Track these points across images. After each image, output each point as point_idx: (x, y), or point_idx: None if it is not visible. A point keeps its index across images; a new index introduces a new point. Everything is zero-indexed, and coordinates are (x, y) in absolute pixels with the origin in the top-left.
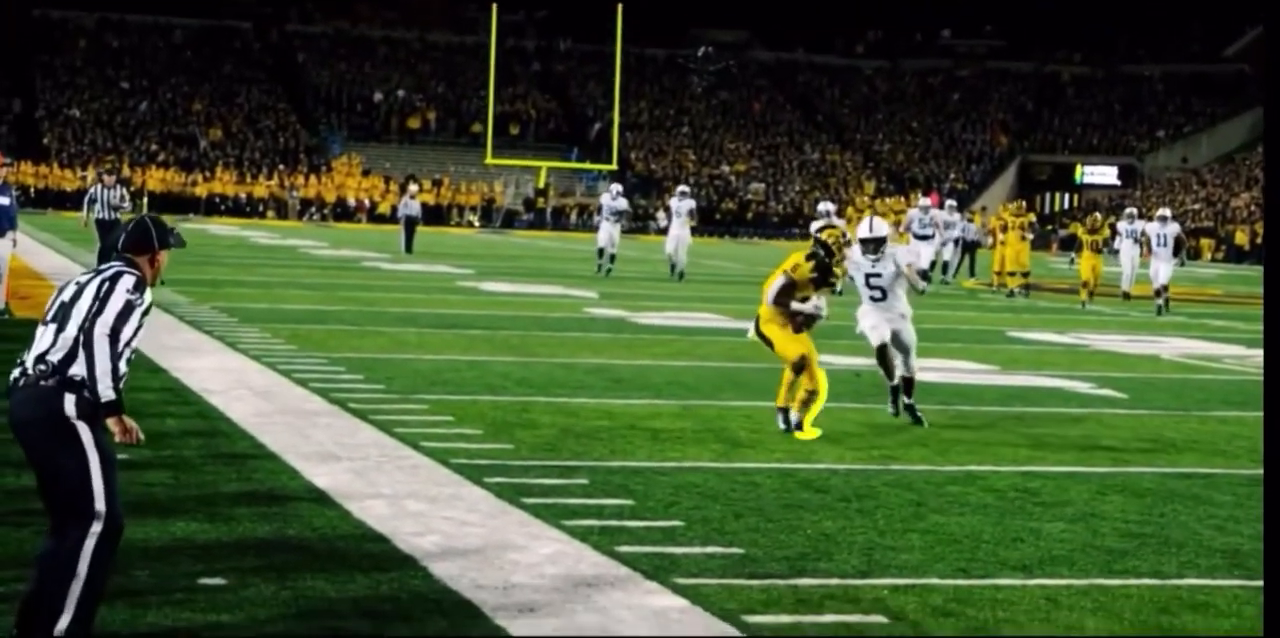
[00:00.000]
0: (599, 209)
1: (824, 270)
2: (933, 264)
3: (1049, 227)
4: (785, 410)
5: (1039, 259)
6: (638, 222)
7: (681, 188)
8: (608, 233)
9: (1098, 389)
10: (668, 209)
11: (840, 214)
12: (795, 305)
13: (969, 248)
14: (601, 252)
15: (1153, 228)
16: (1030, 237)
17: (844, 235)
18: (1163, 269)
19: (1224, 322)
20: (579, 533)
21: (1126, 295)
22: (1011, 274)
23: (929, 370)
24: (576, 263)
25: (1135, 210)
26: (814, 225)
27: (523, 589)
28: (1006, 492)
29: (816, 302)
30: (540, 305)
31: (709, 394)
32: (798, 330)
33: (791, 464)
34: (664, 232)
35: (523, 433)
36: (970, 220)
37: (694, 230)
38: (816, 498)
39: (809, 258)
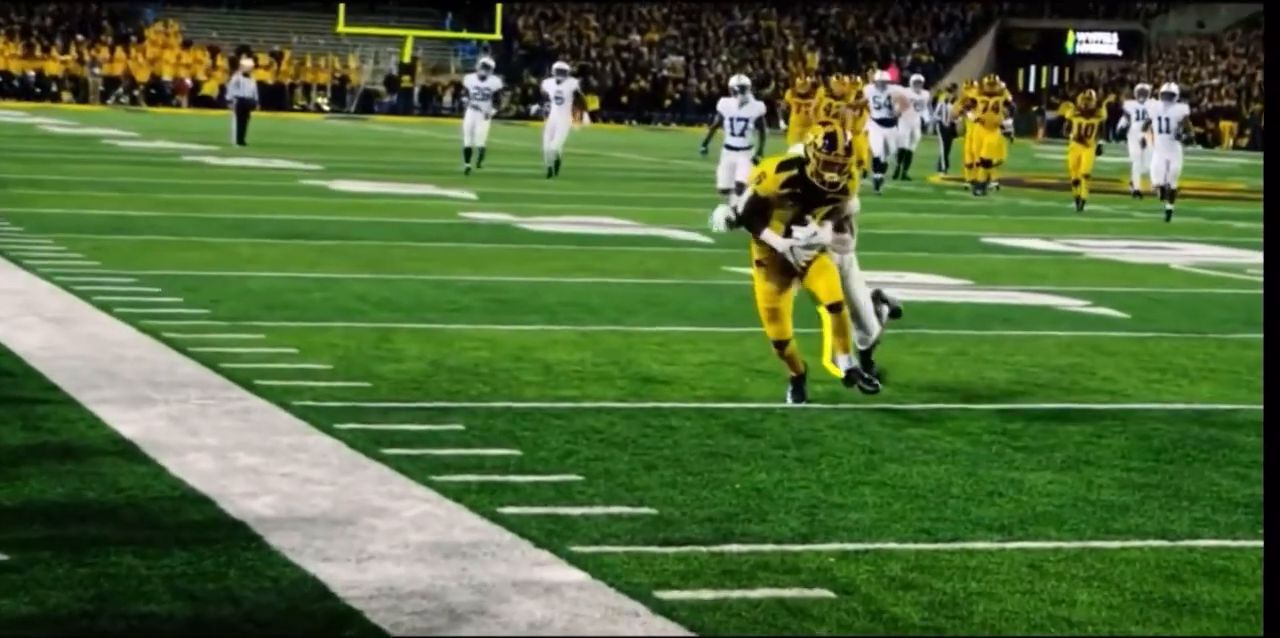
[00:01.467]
0: (466, 91)
1: (801, 183)
2: (898, 154)
3: (1034, 108)
4: (800, 380)
5: (1021, 148)
6: (525, 105)
7: (559, 65)
8: (472, 122)
9: (1093, 307)
10: (543, 93)
11: (779, 97)
12: (768, 235)
13: (948, 135)
14: (469, 150)
15: (1154, 107)
16: (1007, 121)
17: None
18: (1172, 162)
19: (1248, 223)
20: (452, 492)
21: (1138, 194)
22: (981, 164)
23: (886, 286)
24: (449, 156)
25: (1148, 87)
26: (723, 104)
27: (382, 563)
28: (980, 435)
29: (813, 228)
30: (405, 209)
31: (614, 318)
32: (789, 270)
33: (716, 403)
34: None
35: (383, 368)
36: (949, 102)
37: (598, 115)
38: (747, 445)
39: (781, 167)
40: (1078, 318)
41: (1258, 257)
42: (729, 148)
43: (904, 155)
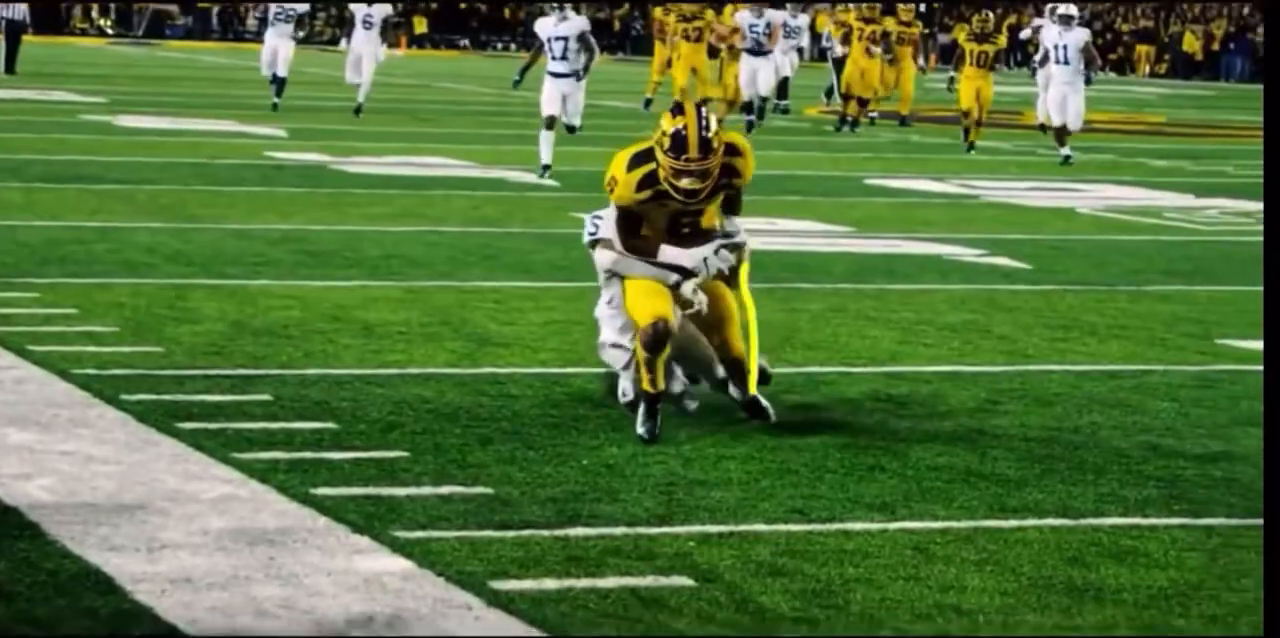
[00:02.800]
0: (269, 12)
1: (658, 184)
2: (782, 85)
3: (925, 30)
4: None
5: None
6: (339, 28)
7: None
8: (273, 48)
9: (989, 257)
10: (349, 16)
11: (646, 21)
12: (668, 253)
13: (838, 65)
14: (276, 78)
15: (1049, 34)
16: (877, 51)
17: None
18: (1071, 99)
19: (1167, 161)
20: (258, 471)
21: (1044, 128)
22: (852, 98)
23: (756, 233)
24: (253, 88)
25: (1065, 7)
26: (540, 24)
27: (176, 552)
28: (862, 401)
29: (704, 252)
30: (204, 149)
31: (444, 272)
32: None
33: (560, 369)
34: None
35: (177, 330)
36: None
37: (426, 40)
38: (596, 415)
39: (632, 164)
40: (972, 269)
41: (1177, 199)
42: (552, 75)
43: (781, 84)
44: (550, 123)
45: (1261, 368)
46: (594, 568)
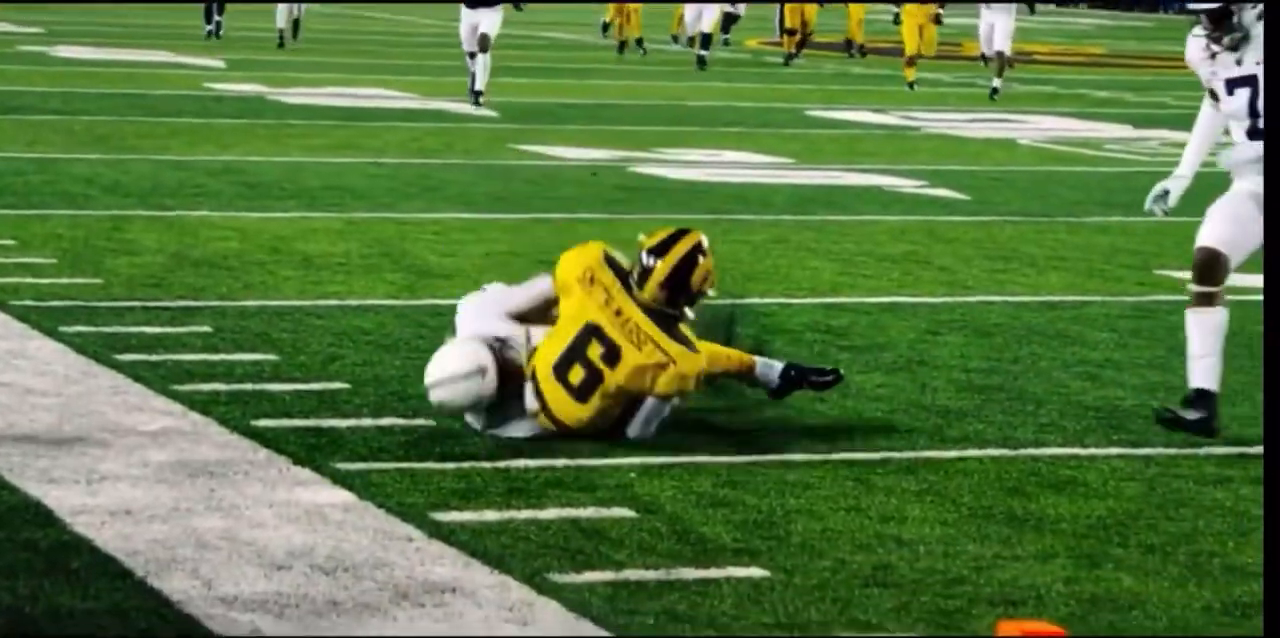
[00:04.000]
0: None
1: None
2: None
3: None
4: None
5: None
6: None
7: None
8: None
9: (929, 188)
10: None
11: None
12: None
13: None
14: (211, 8)
15: None
16: None
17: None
18: (999, 25)
19: (1107, 92)
20: (199, 403)
21: (984, 58)
22: (791, 33)
23: (695, 166)
24: (191, 17)
25: None
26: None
27: (116, 485)
28: (802, 333)
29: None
30: (141, 79)
31: (385, 204)
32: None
33: None
34: None
35: (116, 262)
36: None
37: None
38: None
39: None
40: (912, 200)
41: (1117, 130)
42: (467, 5)
43: (728, 18)
44: (472, 57)
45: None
46: (535, 500)
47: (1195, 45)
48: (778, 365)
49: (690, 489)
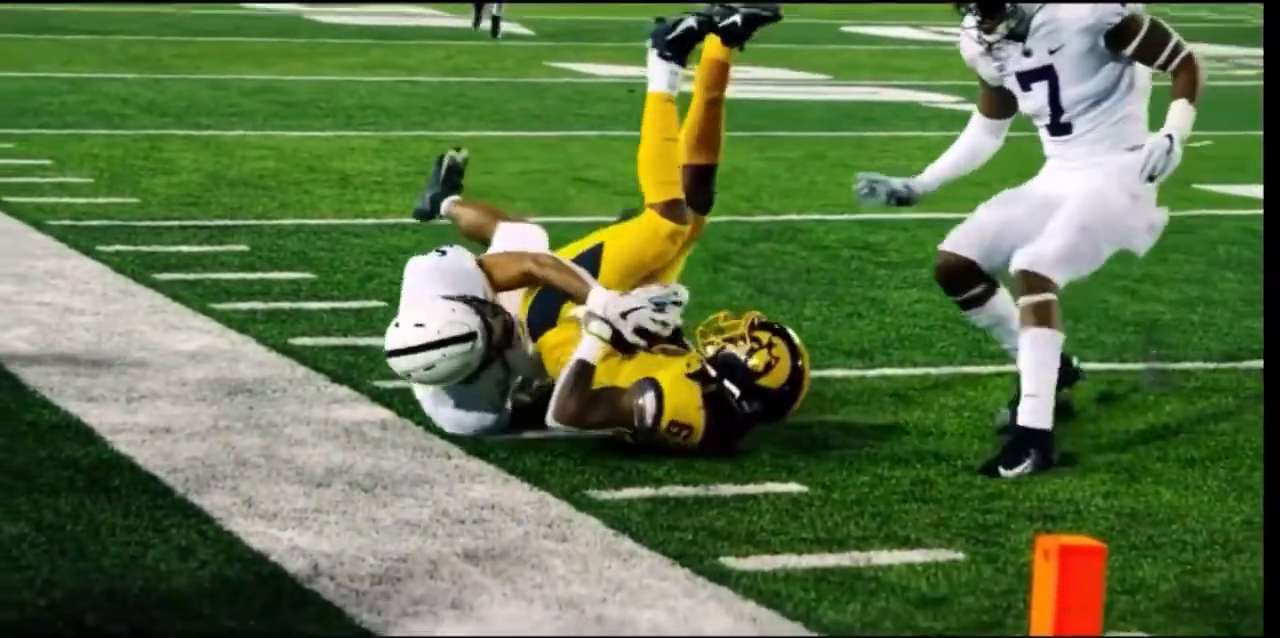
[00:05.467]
0: None
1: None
2: None
3: None
4: None
5: None
6: None
7: None
8: None
9: (966, 104)
10: None
11: None
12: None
13: None
14: None
15: None
16: None
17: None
18: None
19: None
20: (236, 321)
21: None
22: None
23: (731, 83)
24: None
25: None
26: None
27: (155, 403)
28: (839, 249)
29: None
30: None
31: (420, 122)
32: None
33: (538, 218)
34: None
35: (153, 182)
36: None
37: None
38: None
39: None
40: (949, 116)
41: None
42: None
43: None
44: None
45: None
46: None
47: (968, 39)
48: None
49: None
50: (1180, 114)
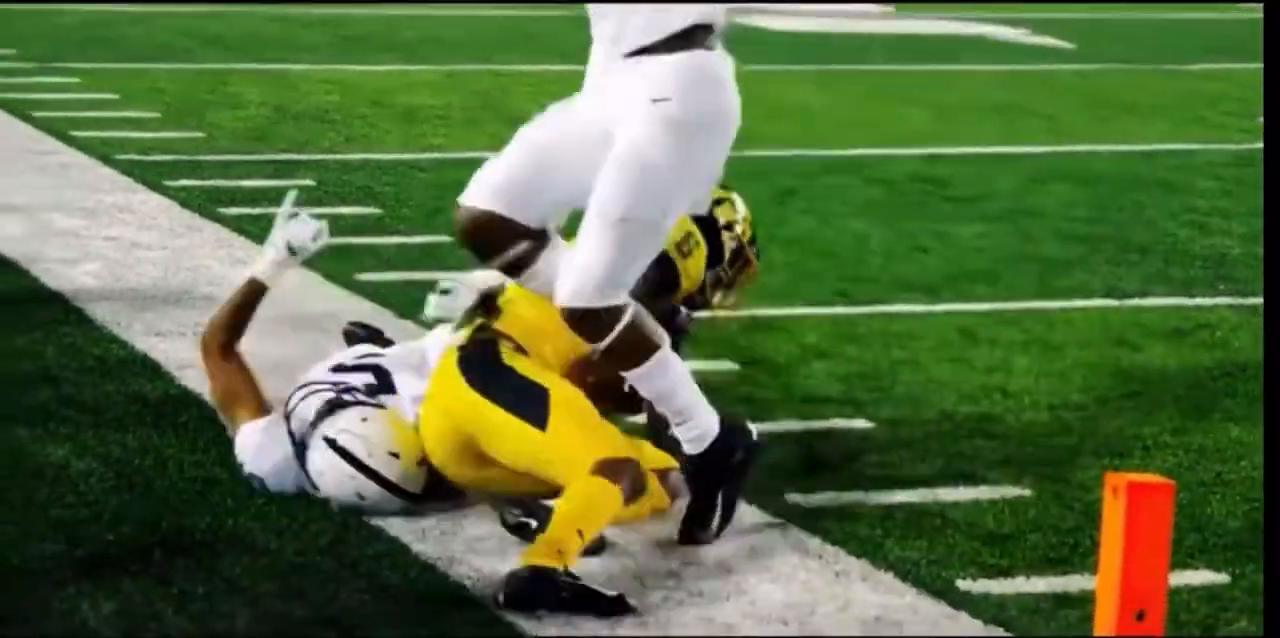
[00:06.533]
0: None
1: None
2: None
3: None
4: None
5: None
6: None
7: None
8: None
9: (1033, 36)
10: None
11: None
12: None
13: None
14: None
15: None
16: None
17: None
18: None
19: None
20: None
21: None
22: None
23: (796, 16)
24: None
25: None
26: None
27: None
28: (902, 183)
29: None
30: None
31: (482, 55)
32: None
33: None
34: None
35: (218, 116)
36: None
37: None
38: None
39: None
40: (1015, 49)
41: None
42: None
43: None
44: None
45: None
46: None
47: None
48: None
49: (794, 341)
50: None
